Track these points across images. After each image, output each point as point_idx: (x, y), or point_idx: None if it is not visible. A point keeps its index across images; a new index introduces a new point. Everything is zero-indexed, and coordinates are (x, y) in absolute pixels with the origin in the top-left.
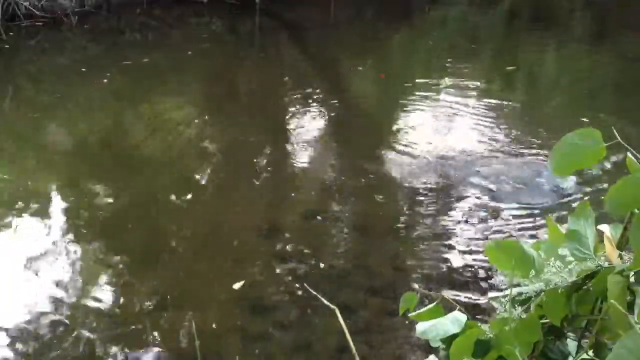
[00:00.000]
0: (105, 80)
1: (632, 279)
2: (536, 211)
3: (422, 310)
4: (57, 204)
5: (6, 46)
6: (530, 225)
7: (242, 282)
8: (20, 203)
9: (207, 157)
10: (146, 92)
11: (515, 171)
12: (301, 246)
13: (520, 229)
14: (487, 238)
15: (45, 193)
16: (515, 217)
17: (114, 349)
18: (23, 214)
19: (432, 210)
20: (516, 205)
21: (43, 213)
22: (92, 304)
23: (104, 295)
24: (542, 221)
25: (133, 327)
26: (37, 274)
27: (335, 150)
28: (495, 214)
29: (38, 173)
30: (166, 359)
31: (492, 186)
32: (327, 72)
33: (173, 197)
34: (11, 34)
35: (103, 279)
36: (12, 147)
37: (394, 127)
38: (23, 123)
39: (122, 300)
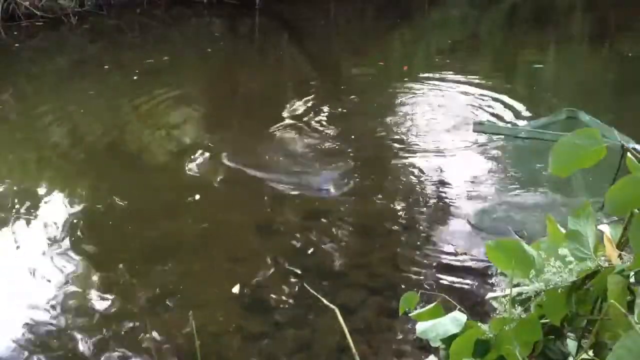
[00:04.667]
0: (135, 77)
1: (632, 279)
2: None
3: (422, 310)
4: (56, 204)
5: (6, 46)
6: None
7: (238, 286)
8: (20, 203)
9: (206, 157)
10: (144, 92)
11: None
12: (301, 246)
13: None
14: (488, 237)
15: (44, 193)
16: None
17: (114, 349)
18: (23, 214)
19: (434, 209)
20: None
21: (42, 213)
22: (91, 303)
23: (103, 295)
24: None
25: (133, 326)
26: (35, 274)
27: (335, 150)
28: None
29: (39, 173)
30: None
31: (494, 186)
32: (327, 72)
33: (173, 196)
34: (15, 33)
35: (102, 278)
36: (12, 147)
37: (395, 127)
38: (23, 123)
39: (121, 300)
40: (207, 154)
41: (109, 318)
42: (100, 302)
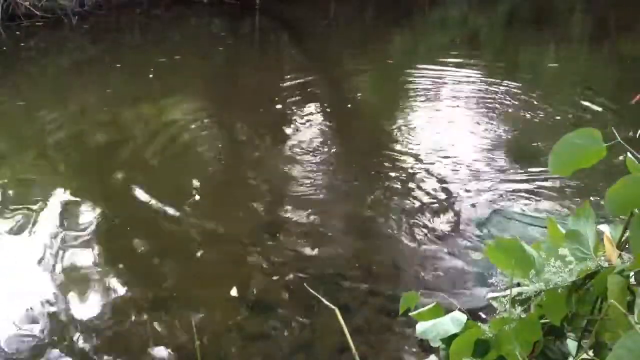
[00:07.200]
0: (150, 75)
1: (632, 279)
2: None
3: (422, 310)
4: (55, 205)
5: (6, 46)
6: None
7: (237, 286)
8: (19, 203)
9: (206, 158)
10: (143, 92)
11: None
12: (301, 246)
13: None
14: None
15: (44, 193)
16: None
17: (114, 349)
18: (22, 214)
19: (434, 209)
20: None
21: (41, 213)
22: (91, 304)
23: (103, 295)
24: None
25: (133, 327)
26: (35, 274)
27: (335, 150)
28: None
29: (39, 173)
30: None
31: (493, 186)
32: (327, 72)
33: (173, 196)
34: (17, 33)
35: (102, 279)
36: (13, 147)
37: (396, 128)
38: (24, 123)
39: (121, 300)
40: (206, 155)
41: (108, 318)
42: (99, 302)
